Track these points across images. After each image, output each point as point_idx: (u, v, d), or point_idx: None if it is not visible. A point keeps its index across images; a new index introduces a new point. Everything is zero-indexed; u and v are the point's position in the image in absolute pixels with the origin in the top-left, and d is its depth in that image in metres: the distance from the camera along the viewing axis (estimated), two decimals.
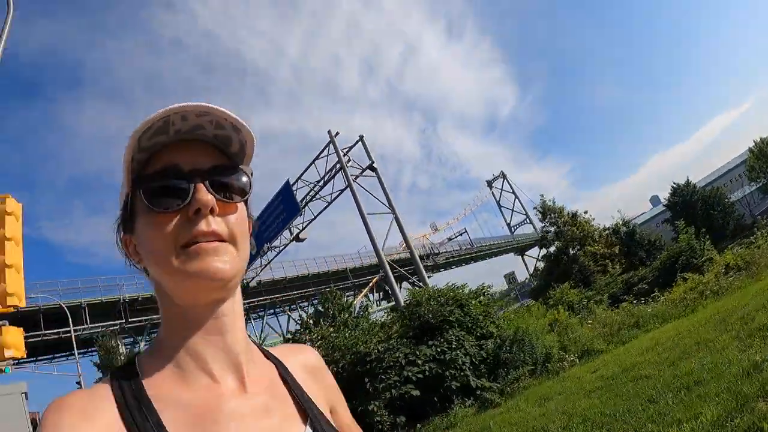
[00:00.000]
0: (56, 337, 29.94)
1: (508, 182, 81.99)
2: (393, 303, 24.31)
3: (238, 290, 0.74)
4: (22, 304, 7.06)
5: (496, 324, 12.05)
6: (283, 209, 21.72)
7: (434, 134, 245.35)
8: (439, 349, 10.44)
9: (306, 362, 0.85)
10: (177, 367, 0.68)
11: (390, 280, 18.67)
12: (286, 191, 21.78)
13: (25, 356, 7.66)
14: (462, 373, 10.02)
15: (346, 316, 16.93)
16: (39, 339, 28.07)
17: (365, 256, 42.45)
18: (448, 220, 74.25)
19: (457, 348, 10.50)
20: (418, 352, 10.33)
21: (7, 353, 6.80)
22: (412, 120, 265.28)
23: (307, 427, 0.71)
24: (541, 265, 35.77)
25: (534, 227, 67.54)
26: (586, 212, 32.88)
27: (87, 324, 31.94)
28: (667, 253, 19.25)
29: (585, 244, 30.07)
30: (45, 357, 32.36)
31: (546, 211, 34.19)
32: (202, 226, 0.64)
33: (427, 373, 9.97)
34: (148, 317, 35.78)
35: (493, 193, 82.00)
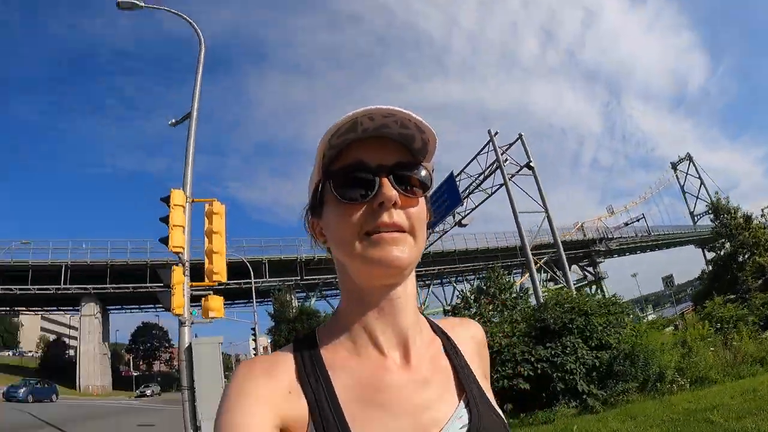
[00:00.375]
0: (237, 287, 35.04)
1: (695, 165, 73.22)
2: (559, 286, 25.13)
3: (413, 273, 0.80)
4: (224, 279, 9.41)
5: (620, 335, 12.66)
6: (447, 198, 24.32)
7: (617, 108, 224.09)
8: (553, 352, 11.72)
9: (473, 336, 0.91)
10: (350, 340, 0.77)
11: (533, 276, 19.79)
12: (450, 182, 24.28)
13: (223, 316, 9.97)
14: (570, 377, 11.31)
15: (507, 295, 17.17)
16: (222, 288, 33.81)
17: (537, 234, 43.24)
18: (627, 204, 69.89)
19: (570, 354, 11.73)
20: (533, 352, 11.81)
21: (211, 314, 9.51)
22: (594, 92, 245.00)
23: (461, 401, 0.76)
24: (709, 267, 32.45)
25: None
26: (764, 215, 28.76)
27: (266, 278, 37.52)
28: None
29: (756, 254, 26.56)
30: (226, 303, 39.04)
31: (719, 211, 30.70)
32: (385, 218, 0.70)
33: (538, 371, 11.47)
34: (322, 276, 40.63)
35: (677, 176, 74.21)
